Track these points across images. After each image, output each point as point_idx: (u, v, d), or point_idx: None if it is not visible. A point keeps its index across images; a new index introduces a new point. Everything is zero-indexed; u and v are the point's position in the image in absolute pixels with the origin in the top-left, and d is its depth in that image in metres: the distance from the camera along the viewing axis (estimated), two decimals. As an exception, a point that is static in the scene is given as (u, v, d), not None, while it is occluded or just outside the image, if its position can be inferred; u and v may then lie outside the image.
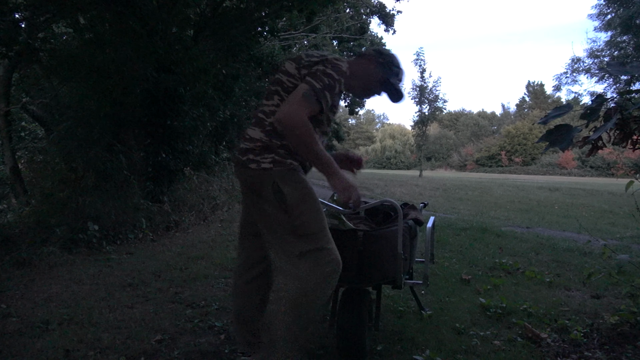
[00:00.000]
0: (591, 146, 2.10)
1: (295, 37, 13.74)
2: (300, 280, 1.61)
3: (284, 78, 1.76)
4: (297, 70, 1.74)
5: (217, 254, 4.46)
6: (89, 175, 5.18)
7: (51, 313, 2.72)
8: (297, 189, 1.67)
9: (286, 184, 1.66)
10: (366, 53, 1.97)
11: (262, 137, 1.71)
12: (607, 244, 2.84)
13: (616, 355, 2.21)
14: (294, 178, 1.69)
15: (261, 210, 1.73)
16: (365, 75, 1.90)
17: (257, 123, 1.76)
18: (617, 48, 19.22)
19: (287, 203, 1.64)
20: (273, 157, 1.68)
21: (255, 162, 1.69)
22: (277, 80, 1.79)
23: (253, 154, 1.70)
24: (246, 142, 1.75)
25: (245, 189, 1.80)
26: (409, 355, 2.16)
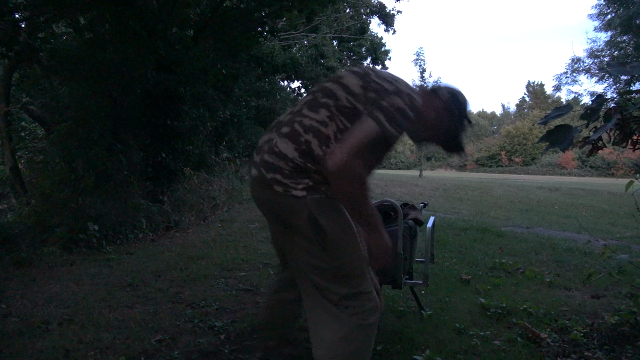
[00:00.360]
0: (591, 146, 2.10)
1: (295, 37, 13.75)
2: (342, 338, 1.38)
3: (342, 94, 1.42)
4: (363, 90, 1.41)
5: (217, 254, 4.46)
6: (89, 175, 5.18)
7: (51, 313, 2.72)
8: (338, 223, 1.39)
9: (325, 215, 1.37)
10: (439, 92, 1.59)
11: (295, 158, 1.37)
12: (607, 244, 2.84)
13: (616, 355, 2.21)
14: (333, 208, 1.40)
15: (292, 242, 1.45)
16: (433, 123, 1.55)
17: (291, 136, 1.41)
18: (617, 48, 19.23)
19: (327, 238, 1.37)
20: (307, 184, 1.37)
21: (282, 186, 1.37)
22: (330, 92, 1.45)
23: (281, 175, 1.37)
24: (273, 155, 1.41)
25: (268, 213, 1.50)
26: (409, 355, 2.16)
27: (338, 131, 1.38)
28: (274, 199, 1.40)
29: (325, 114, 1.41)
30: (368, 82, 1.42)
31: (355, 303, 1.39)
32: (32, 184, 6.25)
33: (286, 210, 1.40)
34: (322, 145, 1.37)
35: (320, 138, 1.38)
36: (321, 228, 1.36)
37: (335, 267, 1.39)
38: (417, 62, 27.85)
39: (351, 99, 1.40)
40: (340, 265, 1.39)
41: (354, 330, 1.38)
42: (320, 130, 1.39)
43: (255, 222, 6.66)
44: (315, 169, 1.37)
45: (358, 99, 1.40)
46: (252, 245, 5.02)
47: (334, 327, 1.39)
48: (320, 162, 1.36)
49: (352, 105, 1.40)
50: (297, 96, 17.41)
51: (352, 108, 1.39)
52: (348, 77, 1.47)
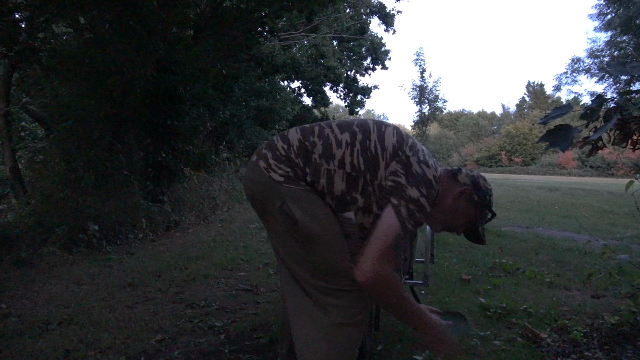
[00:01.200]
0: (591, 146, 2.10)
1: (295, 37, 13.75)
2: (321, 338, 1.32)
3: (374, 137, 1.37)
4: (393, 150, 1.35)
5: (217, 254, 4.46)
6: (89, 175, 5.18)
7: (51, 313, 2.72)
8: (314, 216, 1.31)
9: (300, 207, 1.30)
10: (459, 178, 1.49)
11: (294, 145, 1.35)
12: (607, 244, 2.83)
13: (616, 355, 2.21)
14: (309, 200, 1.32)
15: (268, 223, 1.41)
16: (452, 211, 1.46)
17: (304, 130, 1.39)
18: (617, 48, 19.24)
19: (300, 233, 1.31)
20: (287, 173, 1.32)
21: (266, 164, 1.34)
22: (366, 128, 1.39)
23: (271, 154, 1.35)
24: (279, 137, 1.40)
25: (249, 194, 1.44)
26: (409, 355, 2.16)
27: (349, 164, 1.33)
28: (257, 175, 1.36)
29: (347, 138, 1.36)
30: (401, 146, 1.37)
31: (335, 301, 1.33)
32: (32, 184, 6.25)
33: (262, 190, 1.35)
34: (322, 158, 1.33)
35: (326, 151, 1.34)
36: (295, 220, 1.29)
37: (311, 262, 1.33)
38: (417, 62, 27.99)
39: (379, 147, 1.35)
40: (315, 260, 1.33)
41: (334, 329, 1.32)
42: (331, 147, 1.34)
43: (255, 222, 6.66)
44: (301, 169, 1.33)
45: (384, 155, 1.35)
46: (252, 245, 5.02)
47: (313, 327, 1.34)
48: (312, 169, 1.32)
49: (375, 153, 1.35)
50: (297, 96, 17.43)
51: (374, 156, 1.34)
52: (390, 130, 1.41)
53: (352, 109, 19.98)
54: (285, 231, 1.33)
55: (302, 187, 1.32)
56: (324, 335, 1.32)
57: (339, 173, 1.33)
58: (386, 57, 18.97)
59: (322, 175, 1.33)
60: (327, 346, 1.32)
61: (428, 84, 28.21)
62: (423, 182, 1.33)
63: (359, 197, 1.36)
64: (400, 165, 1.34)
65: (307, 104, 18.61)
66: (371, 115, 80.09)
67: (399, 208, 1.29)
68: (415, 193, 1.31)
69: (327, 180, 1.33)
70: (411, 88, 28.46)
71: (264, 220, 1.43)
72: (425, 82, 28.33)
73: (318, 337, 1.32)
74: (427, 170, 1.35)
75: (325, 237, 1.32)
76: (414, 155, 1.36)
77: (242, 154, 11.77)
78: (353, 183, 1.34)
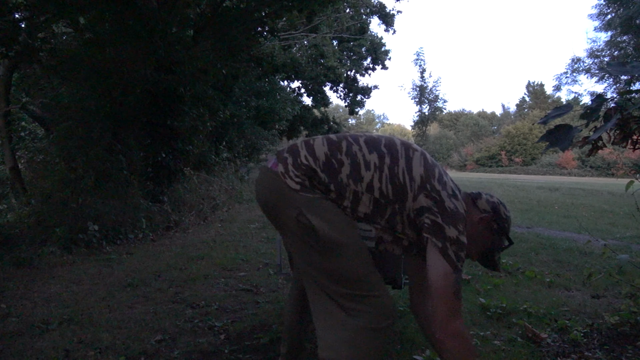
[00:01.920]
0: (591, 146, 2.10)
1: (295, 37, 13.75)
2: (346, 341, 1.29)
3: (402, 164, 1.34)
4: (420, 182, 1.33)
5: (217, 254, 4.46)
6: (89, 175, 5.18)
7: (51, 313, 2.72)
8: (333, 223, 1.29)
9: (317, 215, 1.28)
10: (479, 205, 1.49)
11: (320, 159, 1.32)
12: (607, 244, 2.84)
13: (616, 355, 2.21)
14: (327, 208, 1.30)
15: (284, 229, 1.38)
16: (470, 237, 1.39)
17: (332, 143, 1.35)
18: (617, 48, 19.25)
19: (320, 241, 1.28)
20: (304, 182, 1.29)
21: (285, 169, 1.31)
22: (394, 152, 1.36)
23: (292, 159, 1.32)
24: (304, 144, 1.37)
25: (262, 200, 1.41)
26: (409, 355, 2.16)
27: (377, 190, 1.31)
28: (270, 184, 1.34)
29: (375, 160, 1.33)
30: (429, 179, 1.33)
31: (360, 307, 1.30)
32: (32, 184, 6.25)
33: (277, 199, 1.32)
34: (350, 179, 1.30)
35: (354, 172, 1.31)
36: (313, 229, 1.27)
37: (331, 270, 1.31)
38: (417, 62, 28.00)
39: (407, 177, 1.33)
40: (335, 268, 1.30)
41: (359, 334, 1.29)
42: (360, 168, 1.31)
43: (255, 222, 6.66)
44: (326, 182, 1.30)
45: (412, 183, 1.33)
46: (252, 245, 5.02)
47: (338, 330, 1.30)
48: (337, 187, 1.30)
49: (403, 182, 1.32)
50: (297, 96, 17.43)
51: (403, 186, 1.32)
52: (417, 156, 1.37)
53: (352, 108, 19.99)
54: (302, 240, 1.31)
55: (318, 194, 1.30)
56: (349, 339, 1.29)
57: (366, 196, 1.32)
58: (386, 57, 18.97)
59: (348, 196, 1.31)
60: (352, 350, 1.28)
61: (428, 84, 28.28)
62: (458, 219, 1.30)
63: (383, 223, 1.36)
64: (431, 201, 1.31)
65: (307, 104, 18.62)
66: (371, 115, 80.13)
67: (446, 251, 1.27)
68: (454, 232, 1.28)
69: (353, 201, 1.32)
70: (411, 88, 28.57)
71: (278, 227, 1.41)
72: (425, 82, 28.39)
73: (343, 340, 1.29)
74: (457, 204, 1.33)
75: (344, 244, 1.30)
76: (443, 190, 1.33)
77: (242, 154, 11.78)
78: (380, 210, 1.33)
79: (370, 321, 1.30)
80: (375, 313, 1.31)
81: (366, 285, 1.32)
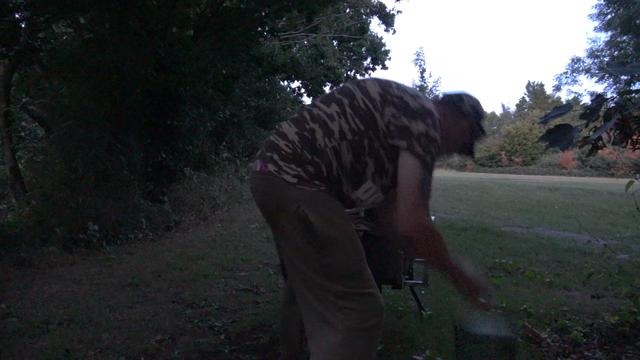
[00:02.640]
0: (591, 146, 2.10)
1: (295, 37, 13.74)
2: (339, 344, 1.28)
3: (358, 94, 1.38)
4: (381, 98, 1.36)
5: (217, 254, 4.46)
6: (89, 175, 5.18)
7: (51, 313, 2.72)
8: (330, 219, 1.31)
9: (315, 210, 1.29)
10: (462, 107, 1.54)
11: (295, 141, 1.34)
12: (607, 244, 2.84)
13: (616, 355, 2.21)
14: (324, 202, 1.31)
15: (282, 236, 1.38)
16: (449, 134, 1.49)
17: (296, 121, 1.39)
18: (617, 48, 19.26)
19: (317, 237, 1.29)
20: (299, 173, 1.30)
21: (276, 166, 1.32)
22: (347, 91, 1.41)
23: (278, 155, 1.33)
24: (275, 135, 1.40)
25: (260, 201, 1.40)
26: (409, 355, 2.16)
27: (349, 130, 1.34)
28: (266, 186, 1.34)
29: (336, 108, 1.37)
30: (387, 91, 1.38)
31: (353, 305, 1.30)
32: (32, 184, 6.26)
33: (275, 194, 1.32)
34: (325, 138, 1.33)
35: (325, 129, 1.34)
36: (310, 224, 1.28)
37: (326, 266, 1.30)
38: (417, 62, 27.98)
39: (367, 102, 1.36)
40: (331, 264, 1.30)
41: (351, 334, 1.28)
42: (327, 123, 1.35)
43: (255, 222, 6.66)
44: (311, 159, 1.31)
45: (375, 104, 1.36)
46: (252, 245, 5.02)
47: (330, 334, 1.30)
48: (319, 155, 1.32)
49: (367, 108, 1.35)
50: (297, 96, 17.42)
51: (367, 111, 1.35)
52: (368, 81, 1.44)
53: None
54: (300, 236, 1.31)
55: (316, 187, 1.31)
56: (341, 341, 1.28)
57: (343, 145, 1.33)
58: (386, 57, 18.96)
59: (331, 156, 1.32)
60: (345, 352, 1.28)
61: (428, 84, 28.27)
62: (425, 114, 1.33)
63: (368, 160, 1.36)
64: (395, 108, 1.34)
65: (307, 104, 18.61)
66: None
67: (412, 147, 1.29)
68: (421, 126, 1.31)
69: (336, 158, 1.33)
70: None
71: (276, 227, 1.41)
72: (425, 82, 28.38)
73: (335, 343, 1.29)
74: (423, 101, 1.37)
75: (341, 240, 1.32)
76: (405, 93, 1.37)
77: (242, 154, 11.77)
78: (359, 147, 1.34)
79: (362, 320, 1.30)
80: (366, 311, 1.31)
81: (360, 282, 1.33)
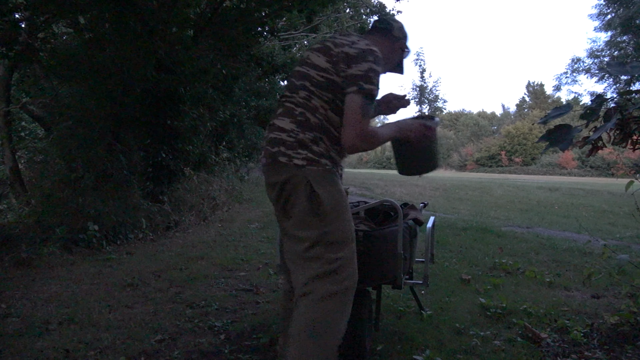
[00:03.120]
0: (591, 146, 2.10)
1: (295, 37, 13.73)
2: (321, 298, 1.50)
3: (313, 72, 1.61)
4: (331, 63, 1.58)
5: (217, 254, 4.46)
6: (89, 175, 5.18)
7: (51, 313, 2.72)
8: (333, 193, 1.55)
9: (322, 185, 1.53)
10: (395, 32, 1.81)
11: (294, 129, 1.56)
12: (607, 244, 2.84)
13: (616, 355, 2.21)
14: (330, 180, 1.57)
15: (291, 212, 1.58)
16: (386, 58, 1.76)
17: (286, 113, 1.61)
18: (617, 48, 19.26)
19: (322, 207, 1.52)
20: (306, 155, 1.54)
21: (286, 157, 1.54)
22: (302, 74, 1.63)
23: (284, 146, 1.55)
24: (275, 131, 1.61)
25: (276, 192, 1.60)
26: (409, 355, 2.16)
27: (324, 102, 1.59)
28: (282, 176, 1.56)
29: (305, 93, 1.60)
30: (331, 54, 1.59)
31: (337, 265, 1.52)
32: (32, 184, 6.26)
33: (288, 179, 1.54)
34: (316, 114, 1.58)
35: (310, 110, 1.58)
36: (317, 196, 1.52)
37: (324, 233, 1.53)
38: (417, 62, 27.95)
39: (322, 73, 1.59)
40: (329, 231, 1.53)
41: (324, 300, 1.49)
42: (307, 104, 1.59)
43: (255, 222, 6.66)
44: (312, 138, 1.55)
45: (329, 72, 1.58)
46: (252, 245, 5.02)
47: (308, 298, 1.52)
48: (317, 130, 1.56)
49: (325, 79, 1.59)
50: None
51: (326, 81, 1.58)
52: (311, 56, 1.65)
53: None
54: (308, 209, 1.53)
55: (322, 167, 1.55)
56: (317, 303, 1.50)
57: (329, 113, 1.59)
58: (386, 57, 18.96)
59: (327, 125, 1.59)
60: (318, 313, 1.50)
61: (428, 84, 28.21)
62: (366, 53, 1.57)
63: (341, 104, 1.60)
64: (343, 63, 1.57)
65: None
66: (371, 115, 79.99)
67: (360, 87, 1.53)
68: (365, 66, 1.55)
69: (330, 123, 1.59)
70: (411, 88, 28.40)
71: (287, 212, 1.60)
72: (425, 82, 28.33)
73: (312, 306, 1.51)
74: (360, 45, 1.59)
75: (340, 211, 1.56)
76: (344, 47, 1.59)
77: (242, 154, 11.77)
78: (337, 107, 1.59)
79: (337, 282, 1.52)
80: (347, 272, 1.55)
81: (345, 248, 1.56)
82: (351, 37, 1.65)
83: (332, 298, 1.50)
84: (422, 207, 2.72)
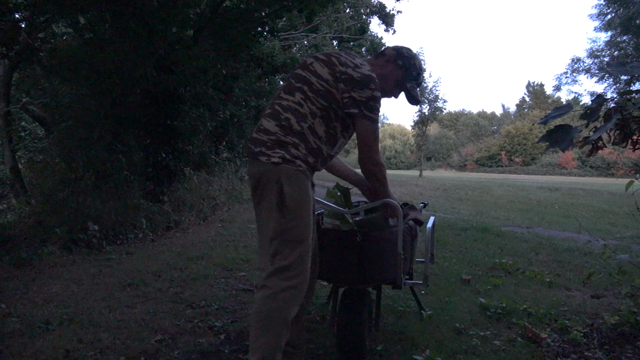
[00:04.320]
0: (591, 146, 2.10)
1: (295, 37, 13.73)
2: (274, 293, 1.62)
3: (313, 79, 1.72)
4: (332, 77, 1.71)
5: (217, 254, 4.46)
6: (89, 175, 5.18)
7: (51, 313, 2.72)
8: (298, 193, 1.65)
9: (289, 183, 1.64)
10: (386, 52, 1.95)
11: (277, 132, 1.68)
12: (607, 244, 2.83)
13: (616, 355, 2.21)
14: (298, 181, 1.66)
15: (265, 202, 1.71)
16: (382, 78, 1.86)
17: (272, 115, 1.72)
18: (617, 48, 19.26)
19: (285, 204, 1.63)
20: (283, 154, 1.65)
21: (265, 156, 1.66)
22: (303, 78, 1.74)
23: (265, 147, 1.67)
24: (260, 132, 1.73)
25: (253, 184, 1.74)
26: (409, 355, 2.16)
27: (317, 109, 1.70)
28: (260, 168, 1.67)
29: (300, 96, 1.71)
30: (335, 70, 1.71)
31: (291, 263, 1.63)
32: (32, 184, 6.26)
33: (264, 176, 1.67)
34: (301, 122, 1.68)
35: (297, 116, 1.69)
36: (283, 193, 1.63)
37: (284, 230, 1.64)
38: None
39: (322, 83, 1.71)
40: (288, 228, 1.64)
41: (278, 294, 1.61)
42: (298, 110, 1.69)
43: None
44: (293, 142, 1.66)
45: (329, 84, 1.71)
46: (252, 245, 5.01)
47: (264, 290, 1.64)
48: (297, 136, 1.67)
49: (324, 89, 1.71)
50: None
51: (326, 90, 1.70)
52: (315, 64, 1.75)
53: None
54: (275, 203, 1.65)
55: (296, 167, 1.66)
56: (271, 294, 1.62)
57: (316, 122, 1.71)
58: (386, 57, 18.93)
59: (308, 135, 1.69)
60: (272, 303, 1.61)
61: (428, 84, 28.16)
62: (368, 80, 1.71)
63: (336, 124, 1.76)
64: (344, 83, 1.70)
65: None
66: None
67: (363, 112, 1.70)
68: (367, 92, 1.70)
69: (312, 134, 1.70)
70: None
71: (261, 203, 1.73)
72: (425, 82, 28.26)
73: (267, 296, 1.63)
74: (363, 69, 1.72)
75: (300, 211, 1.66)
76: (347, 67, 1.71)
77: (242, 154, 11.77)
78: (328, 119, 1.73)
79: (290, 278, 1.63)
80: (298, 270, 1.64)
81: (304, 247, 1.66)
82: (356, 60, 1.77)
83: (284, 292, 1.61)
84: (422, 207, 2.72)
